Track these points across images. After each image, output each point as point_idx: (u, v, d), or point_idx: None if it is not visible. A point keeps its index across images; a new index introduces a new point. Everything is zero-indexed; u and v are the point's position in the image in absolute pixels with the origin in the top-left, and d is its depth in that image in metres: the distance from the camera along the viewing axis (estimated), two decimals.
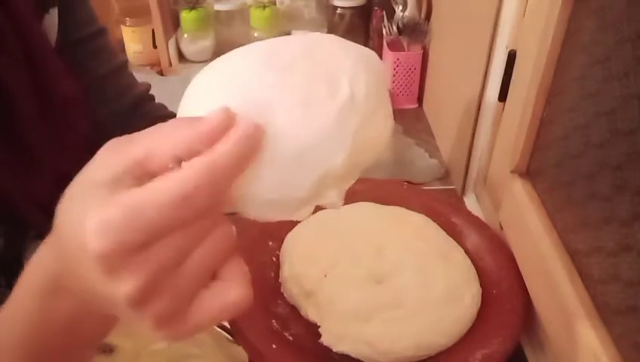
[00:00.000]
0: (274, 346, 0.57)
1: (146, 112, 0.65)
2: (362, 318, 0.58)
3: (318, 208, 0.48)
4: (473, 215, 0.74)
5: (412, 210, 0.72)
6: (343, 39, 0.37)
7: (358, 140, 0.33)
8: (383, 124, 0.35)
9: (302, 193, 0.32)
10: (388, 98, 0.36)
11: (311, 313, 0.61)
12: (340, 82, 0.33)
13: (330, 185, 0.33)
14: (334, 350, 0.57)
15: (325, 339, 0.57)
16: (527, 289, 0.60)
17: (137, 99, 0.65)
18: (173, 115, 0.66)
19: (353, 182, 0.36)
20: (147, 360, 0.60)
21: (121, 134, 0.62)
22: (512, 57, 0.65)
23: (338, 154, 0.32)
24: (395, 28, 1.10)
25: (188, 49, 1.26)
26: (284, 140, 0.31)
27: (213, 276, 0.30)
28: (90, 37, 0.61)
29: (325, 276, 0.62)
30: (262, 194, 0.32)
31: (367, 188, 0.77)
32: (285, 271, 0.65)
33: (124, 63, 0.66)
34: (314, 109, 0.32)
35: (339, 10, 1.21)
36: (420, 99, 1.14)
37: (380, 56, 1.18)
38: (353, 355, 0.56)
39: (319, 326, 0.59)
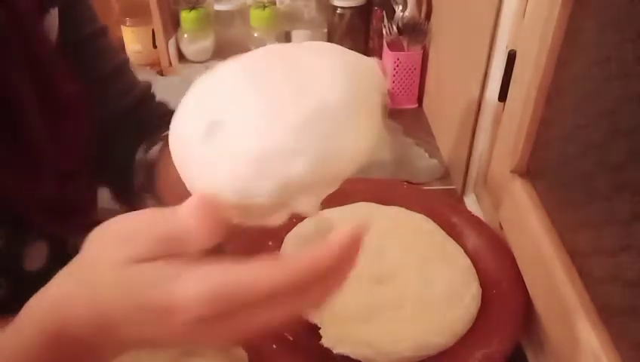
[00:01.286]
0: (274, 346, 0.57)
1: (148, 110, 0.65)
2: (362, 319, 0.58)
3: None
4: (473, 215, 0.74)
5: (412, 210, 0.72)
6: (343, 48, 0.37)
7: (326, 148, 0.31)
8: (361, 134, 0.33)
9: (262, 198, 0.32)
10: (375, 108, 0.35)
11: (311, 314, 0.61)
12: (312, 88, 0.32)
13: (299, 192, 0.32)
14: (335, 352, 0.57)
15: (326, 341, 0.57)
16: (527, 289, 0.60)
17: (140, 96, 0.65)
18: (162, 105, 0.65)
19: (332, 190, 0.35)
20: (147, 360, 0.60)
21: (125, 132, 0.62)
22: (512, 57, 0.65)
23: (298, 161, 0.31)
24: (395, 28, 1.10)
25: (188, 49, 1.26)
26: (246, 145, 0.31)
27: None
28: (92, 36, 0.60)
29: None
30: (224, 196, 0.32)
31: (367, 188, 0.77)
32: None
33: (126, 61, 0.65)
34: (278, 115, 0.31)
35: (339, 10, 1.21)
36: (420, 99, 1.14)
37: (380, 56, 1.18)
38: (353, 357, 0.56)
39: (319, 327, 0.59)
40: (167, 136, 0.60)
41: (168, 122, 0.62)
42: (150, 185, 0.60)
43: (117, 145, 0.62)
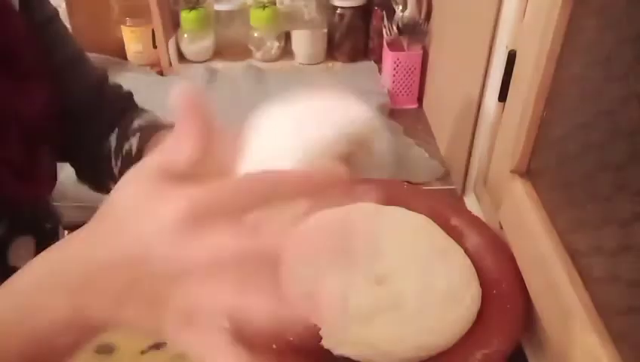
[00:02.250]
0: (274, 346, 0.57)
1: (108, 94, 0.65)
2: (363, 320, 0.58)
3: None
4: (473, 215, 0.74)
5: (412, 210, 0.72)
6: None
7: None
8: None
9: None
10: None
11: (311, 316, 0.61)
12: None
13: None
14: (335, 353, 0.56)
15: (326, 343, 0.57)
16: (527, 289, 0.60)
17: (99, 81, 0.65)
18: (129, 95, 0.66)
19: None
20: (147, 360, 0.60)
21: (89, 117, 0.63)
22: (512, 57, 0.65)
23: None
24: (395, 28, 1.10)
25: (188, 49, 1.26)
26: None
27: None
28: (49, 20, 0.60)
29: (324, 277, 0.62)
30: None
31: (367, 188, 0.77)
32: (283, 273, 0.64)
33: (82, 49, 0.65)
34: None
35: (339, 10, 1.21)
36: (420, 99, 1.14)
37: (380, 56, 1.18)
38: (354, 358, 0.56)
39: (320, 328, 0.59)
40: (144, 127, 0.61)
41: (130, 107, 0.64)
42: None
43: (84, 131, 0.62)
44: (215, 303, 0.30)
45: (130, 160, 0.60)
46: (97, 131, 0.63)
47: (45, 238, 0.59)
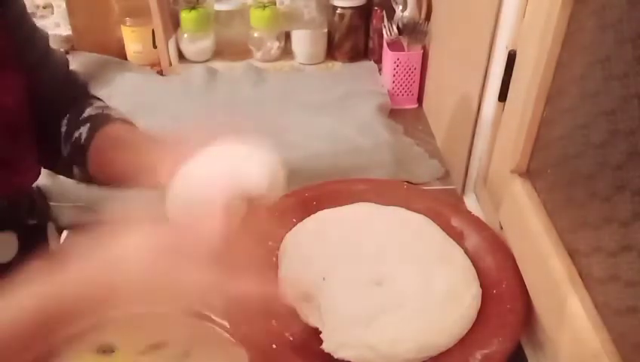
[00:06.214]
0: (274, 346, 0.57)
1: (68, 81, 0.67)
2: (363, 322, 0.57)
3: (318, 208, 0.51)
4: (473, 215, 0.74)
5: (412, 210, 0.72)
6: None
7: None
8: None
9: None
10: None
11: (311, 318, 0.60)
12: None
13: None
14: (336, 357, 0.56)
15: (327, 346, 0.57)
16: (527, 289, 0.60)
17: (65, 68, 0.66)
18: (85, 83, 0.68)
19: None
20: (147, 360, 0.60)
21: (50, 103, 0.64)
22: (512, 57, 0.65)
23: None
24: (395, 28, 1.10)
25: (188, 49, 1.26)
26: None
27: None
28: (21, 16, 0.60)
29: (324, 279, 0.62)
30: None
31: (367, 188, 0.77)
32: (282, 273, 0.64)
33: (48, 37, 0.66)
34: None
35: (339, 10, 1.21)
36: (419, 99, 1.14)
37: (380, 56, 1.18)
38: (355, 361, 0.56)
39: (320, 331, 0.59)
40: (94, 117, 0.63)
41: (84, 95, 0.67)
42: (80, 160, 0.62)
43: (43, 117, 0.63)
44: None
45: (79, 147, 0.61)
46: (53, 117, 0.64)
47: (29, 234, 0.59)
